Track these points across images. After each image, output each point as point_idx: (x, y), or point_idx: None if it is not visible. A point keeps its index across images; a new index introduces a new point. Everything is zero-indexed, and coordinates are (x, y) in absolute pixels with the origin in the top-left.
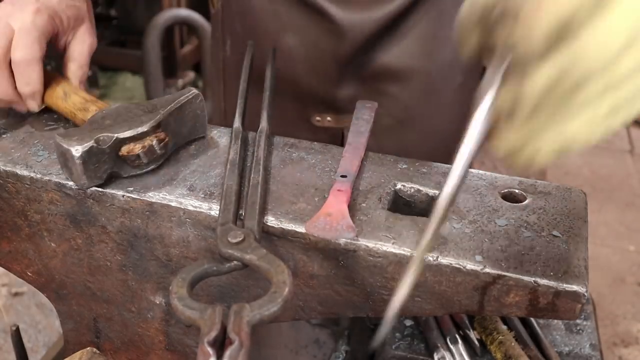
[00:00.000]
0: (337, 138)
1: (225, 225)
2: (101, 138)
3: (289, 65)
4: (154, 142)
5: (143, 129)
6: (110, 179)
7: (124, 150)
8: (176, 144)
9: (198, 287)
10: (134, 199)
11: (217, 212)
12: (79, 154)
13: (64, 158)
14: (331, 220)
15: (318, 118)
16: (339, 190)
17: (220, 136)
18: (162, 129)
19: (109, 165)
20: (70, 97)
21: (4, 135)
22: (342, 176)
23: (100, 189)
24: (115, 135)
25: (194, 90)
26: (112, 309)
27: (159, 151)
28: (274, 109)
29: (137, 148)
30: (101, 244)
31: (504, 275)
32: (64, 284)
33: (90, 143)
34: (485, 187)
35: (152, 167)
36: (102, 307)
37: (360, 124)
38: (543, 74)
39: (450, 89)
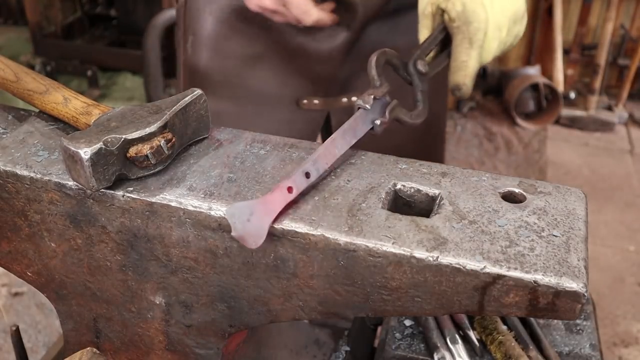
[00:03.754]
0: (320, 120)
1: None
2: (109, 140)
3: (290, 48)
4: (162, 143)
5: (150, 129)
6: (117, 182)
7: (132, 151)
8: (181, 145)
9: (199, 288)
10: (133, 199)
11: (217, 212)
12: (88, 156)
13: (72, 161)
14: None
15: (305, 101)
16: (288, 187)
17: (220, 136)
18: (168, 130)
19: (117, 167)
20: (71, 101)
21: (4, 135)
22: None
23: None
24: (123, 136)
25: (198, 91)
26: (112, 309)
27: (166, 151)
28: None
29: (145, 149)
30: (101, 244)
31: (504, 275)
32: (64, 284)
33: (99, 145)
34: (485, 187)
35: (159, 168)
36: (102, 307)
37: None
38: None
39: None
